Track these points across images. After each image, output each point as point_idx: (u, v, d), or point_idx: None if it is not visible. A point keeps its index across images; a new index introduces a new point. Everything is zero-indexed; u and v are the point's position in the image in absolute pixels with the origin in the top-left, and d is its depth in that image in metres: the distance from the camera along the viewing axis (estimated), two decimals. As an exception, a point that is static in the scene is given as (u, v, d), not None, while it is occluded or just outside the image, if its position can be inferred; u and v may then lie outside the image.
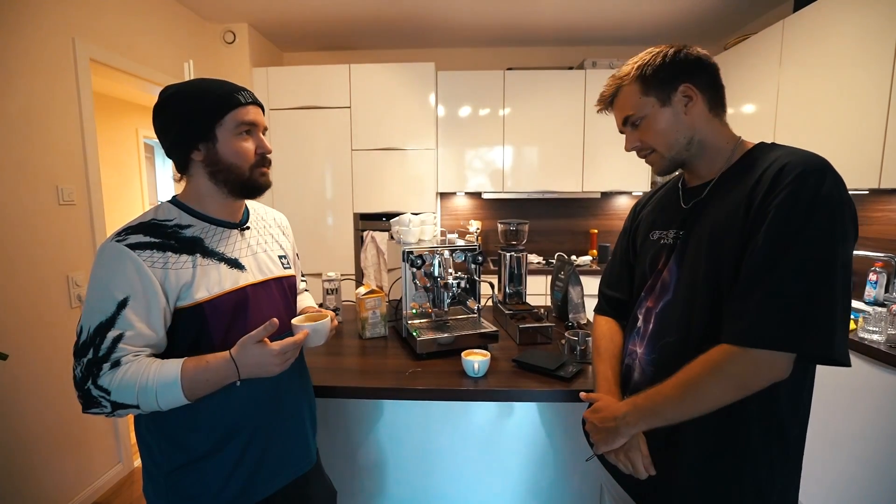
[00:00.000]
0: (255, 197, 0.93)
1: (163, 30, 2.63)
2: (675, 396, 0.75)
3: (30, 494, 1.80)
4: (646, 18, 3.05)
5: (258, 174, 0.90)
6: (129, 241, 0.79)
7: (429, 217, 1.56)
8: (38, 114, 1.84)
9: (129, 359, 0.77)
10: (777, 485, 0.76)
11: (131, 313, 0.77)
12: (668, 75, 0.81)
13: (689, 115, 0.82)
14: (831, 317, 0.66)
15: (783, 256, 0.67)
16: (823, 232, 0.67)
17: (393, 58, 3.57)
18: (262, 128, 0.91)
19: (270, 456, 0.92)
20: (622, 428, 0.80)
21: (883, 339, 1.60)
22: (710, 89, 0.83)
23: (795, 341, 0.67)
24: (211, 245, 0.88)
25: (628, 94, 0.85)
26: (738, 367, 0.70)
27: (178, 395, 0.77)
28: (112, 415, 0.78)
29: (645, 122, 0.85)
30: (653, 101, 0.83)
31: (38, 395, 1.83)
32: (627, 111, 0.86)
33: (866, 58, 1.87)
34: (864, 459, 1.59)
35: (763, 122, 2.44)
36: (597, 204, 3.69)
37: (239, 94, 0.87)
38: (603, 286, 1.09)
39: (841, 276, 0.67)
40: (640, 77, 0.83)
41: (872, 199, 2.16)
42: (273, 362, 0.82)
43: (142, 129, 4.49)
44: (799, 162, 0.70)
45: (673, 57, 0.81)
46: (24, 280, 1.79)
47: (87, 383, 0.76)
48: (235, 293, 0.88)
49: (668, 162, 0.86)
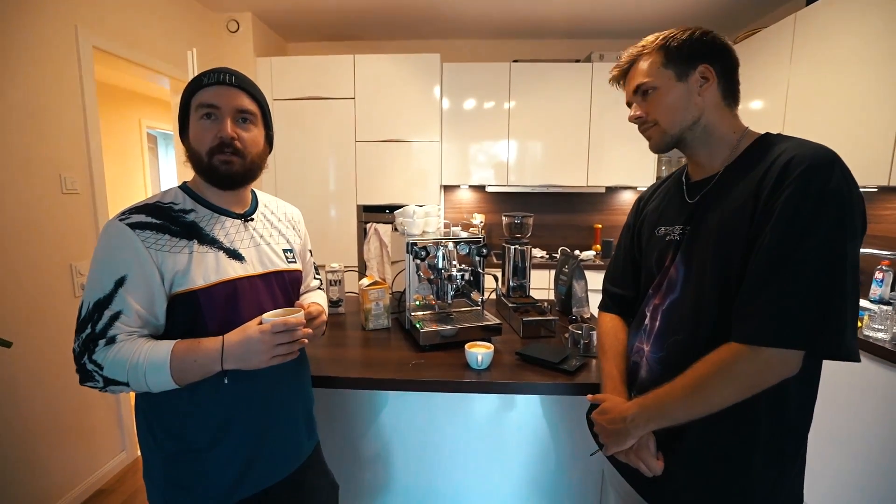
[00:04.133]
0: (225, 186, 0.88)
1: (166, 18, 2.61)
2: (683, 397, 0.74)
3: (35, 482, 1.81)
4: (654, 11, 3.01)
5: (217, 161, 0.84)
6: (131, 221, 0.79)
7: (433, 209, 1.55)
8: (40, 102, 1.83)
9: (124, 337, 0.77)
10: (787, 481, 0.76)
11: (128, 292, 0.77)
12: (691, 52, 0.80)
13: (702, 96, 0.81)
14: (841, 313, 0.65)
15: (791, 253, 0.66)
16: (832, 228, 0.66)
17: (398, 49, 3.54)
18: (231, 111, 0.84)
19: (265, 450, 0.91)
20: (631, 429, 0.80)
21: (888, 338, 1.59)
22: (727, 79, 0.82)
23: (806, 339, 0.66)
24: (209, 232, 0.87)
25: (647, 62, 0.84)
26: (748, 367, 0.69)
27: (167, 376, 0.77)
28: (105, 390, 0.79)
29: (656, 94, 0.83)
30: (670, 73, 0.81)
31: (41, 383, 1.84)
32: (642, 79, 0.84)
33: (878, 55, 1.84)
34: (867, 456, 1.59)
35: (772, 118, 2.41)
36: (601, 198, 3.67)
37: (204, 77, 0.84)
38: (607, 283, 1.08)
39: (850, 272, 0.66)
40: (663, 47, 0.82)
41: (881, 197, 2.14)
42: (260, 348, 0.79)
43: (145, 118, 4.48)
44: (806, 155, 0.69)
45: (700, 37, 0.80)
46: (27, 269, 1.79)
47: (84, 357, 0.77)
48: (230, 283, 0.86)
49: (668, 138, 0.85)
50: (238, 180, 0.88)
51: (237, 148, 0.85)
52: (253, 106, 0.88)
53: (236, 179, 0.87)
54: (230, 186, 0.89)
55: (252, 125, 0.89)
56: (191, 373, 0.79)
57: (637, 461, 0.82)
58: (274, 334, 0.80)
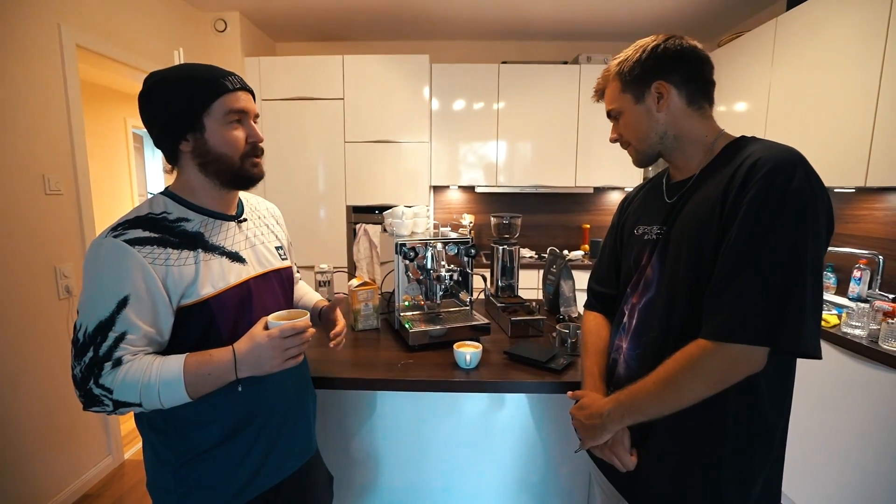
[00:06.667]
0: (248, 188, 0.90)
1: (152, 16, 2.58)
2: (655, 392, 0.76)
3: (19, 487, 1.78)
4: (640, 14, 3.05)
5: (250, 165, 0.86)
6: (128, 237, 0.76)
7: (422, 210, 1.56)
8: (23, 101, 1.80)
9: (129, 358, 0.75)
10: (760, 477, 0.77)
11: (132, 312, 0.75)
12: (642, 73, 0.83)
13: (662, 111, 0.83)
14: (801, 311, 0.67)
15: (755, 251, 0.68)
16: (794, 226, 0.68)
17: (387, 49, 3.54)
18: (252, 115, 0.87)
19: (279, 446, 0.93)
20: (607, 424, 0.82)
21: (865, 335, 1.63)
22: (691, 83, 0.82)
23: (768, 335, 0.68)
24: (212, 239, 0.86)
25: (610, 88, 0.89)
26: (715, 362, 0.71)
27: (181, 392, 0.76)
28: (114, 412, 0.77)
29: (623, 118, 0.88)
30: (628, 97, 0.86)
31: (26, 387, 1.81)
32: (608, 105, 0.91)
33: (856, 57, 1.89)
34: (846, 451, 1.64)
35: (754, 119, 2.46)
36: (589, 199, 3.71)
37: (226, 80, 0.83)
38: (592, 282, 1.10)
39: (811, 270, 0.67)
40: (619, 73, 0.86)
41: (858, 198, 2.20)
42: (270, 354, 0.80)
43: (130, 118, 4.41)
44: (771, 157, 0.71)
45: (651, 53, 0.82)
46: (10, 271, 1.76)
47: (89, 383, 0.74)
48: (240, 287, 0.86)
49: (641, 155, 0.90)
50: (260, 179, 0.89)
51: (262, 150, 0.89)
52: (257, 107, 0.90)
53: (260, 179, 0.89)
54: (249, 187, 0.90)
55: (256, 125, 0.90)
56: (205, 386, 0.78)
57: (611, 456, 0.84)
58: (283, 339, 0.80)
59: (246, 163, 0.85)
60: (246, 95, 0.86)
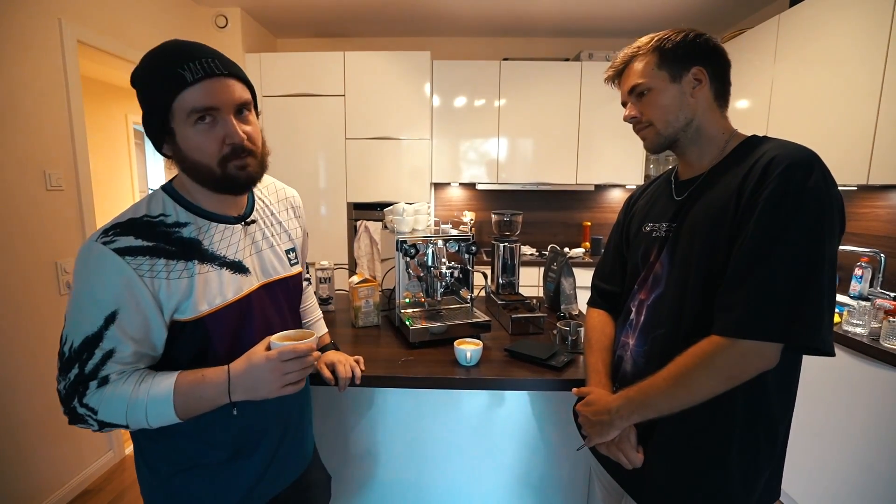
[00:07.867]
0: (240, 193, 0.80)
1: (153, 12, 2.57)
2: (666, 388, 0.76)
3: (20, 482, 1.79)
4: (642, 11, 3.04)
5: (234, 168, 0.72)
6: (118, 246, 0.68)
7: (423, 206, 1.56)
8: (24, 97, 1.80)
9: (116, 377, 0.70)
10: (763, 473, 0.78)
11: (121, 328, 0.68)
12: (685, 54, 0.82)
13: (695, 97, 0.82)
14: (818, 308, 0.67)
15: (771, 249, 0.68)
16: (810, 225, 0.68)
17: (388, 46, 3.53)
18: (231, 106, 0.71)
19: (277, 460, 0.89)
20: (616, 421, 0.82)
21: (866, 332, 1.63)
22: (719, 81, 0.84)
23: (783, 332, 0.68)
24: (210, 247, 0.77)
25: (642, 63, 0.85)
26: (728, 358, 0.71)
27: (170, 413, 0.70)
28: (99, 431, 0.72)
29: (650, 95, 0.84)
30: (664, 75, 0.83)
31: (26, 382, 1.82)
32: (636, 79, 0.85)
33: (858, 55, 1.88)
34: (846, 449, 1.64)
35: (756, 117, 2.46)
36: (590, 196, 3.70)
37: (185, 69, 0.67)
38: (596, 279, 1.10)
39: (827, 268, 0.68)
40: (657, 48, 0.83)
41: (860, 195, 2.19)
42: (268, 378, 0.72)
43: (131, 114, 4.41)
44: (787, 155, 0.71)
45: (694, 38, 0.82)
46: (10, 266, 1.76)
47: (73, 402, 0.69)
48: (239, 302, 0.78)
49: (662, 139, 0.86)
50: (255, 181, 0.77)
51: (249, 148, 0.74)
52: (247, 93, 0.75)
53: (254, 181, 0.77)
54: (240, 192, 0.79)
55: (249, 114, 0.76)
56: (196, 408, 0.72)
57: (618, 453, 0.84)
58: (283, 362, 0.73)
59: (228, 167, 0.72)
60: (217, 84, 0.70)
